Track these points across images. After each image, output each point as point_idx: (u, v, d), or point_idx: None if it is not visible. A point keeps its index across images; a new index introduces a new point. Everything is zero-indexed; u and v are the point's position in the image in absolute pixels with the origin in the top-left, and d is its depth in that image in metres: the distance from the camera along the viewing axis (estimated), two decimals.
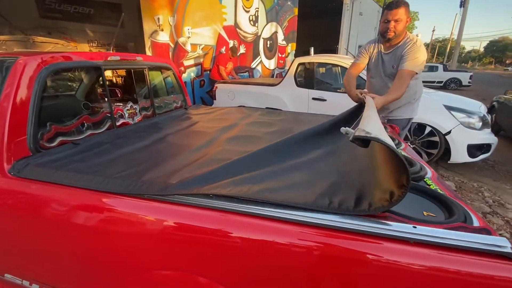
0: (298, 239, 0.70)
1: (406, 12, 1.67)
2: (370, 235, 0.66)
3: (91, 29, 9.28)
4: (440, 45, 56.11)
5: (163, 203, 0.82)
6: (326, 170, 0.96)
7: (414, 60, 1.66)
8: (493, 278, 0.58)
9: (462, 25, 16.43)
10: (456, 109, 3.09)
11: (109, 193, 0.87)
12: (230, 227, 0.75)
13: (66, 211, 0.91)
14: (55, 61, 1.21)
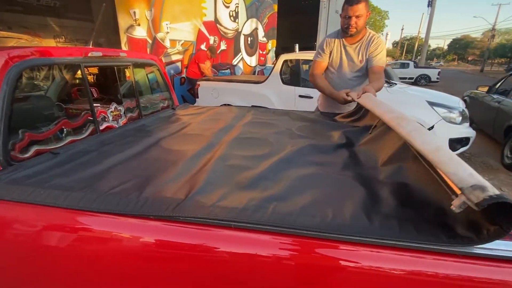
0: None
1: (366, 6, 1.66)
2: None
3: (58, 24, 8.58)
4: (408, 43, 59.09)
5: (172, 223, 0.70)
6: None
7: (383, 56, 1.77)
8: None
9: (430, 24, 17.34)
10: (438, 104, 3.20)
11: (105, 213, 0.74)
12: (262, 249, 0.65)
13: (51, 238, 0.76)
14: (27, 57, 1.04)
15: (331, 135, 1.39)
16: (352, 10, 1.64)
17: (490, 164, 3.66)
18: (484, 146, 4.37)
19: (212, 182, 0.86)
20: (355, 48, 1.81)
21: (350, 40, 1.81)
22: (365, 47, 1.77)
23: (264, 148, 1.19)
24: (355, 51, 1.81)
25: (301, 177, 0.90)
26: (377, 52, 1.74)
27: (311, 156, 1.11)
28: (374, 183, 0.86)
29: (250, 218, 0.67)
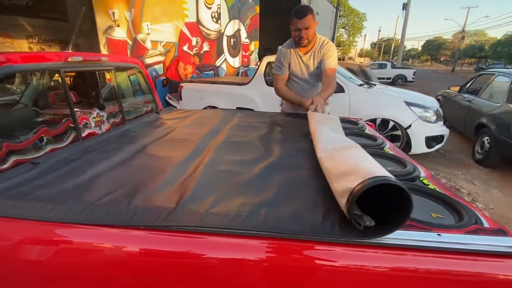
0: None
1: (313, 17, 1.76)
2: (399, 247, 0.64)
3: (30, 24, 8.14)
4: (385, 44, 61.32)
5: (164, 233, 0.70)
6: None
7: (334, 58, 1.87)
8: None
9: (405, 26, 18.12)
10: (414, 104, 3.36)
11: (93, 225, 0.72)
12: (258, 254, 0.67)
13: (36, 253, 0.73)
14: (4, 63, 0.99)
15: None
16: (301, 23, 1.73)
17: (463, 160, 3.89)
18: (457, 143, 4.63)
19: (202, 189, 0.86)
20: (309, 57, 1.92)
21: (303, 50, 1.91)
22: (318, 53, 1.88)
23: (252, 152, 1.21)
24: (309, 59, 1.92)
25: (289, 181, 0.93)
26: (328, 55, 1.85)
27: (297, 159, 1.14)
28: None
29: (243, 225, 0.68)
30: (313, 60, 1.92)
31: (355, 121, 1.93)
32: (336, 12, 17.22)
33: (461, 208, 0.81)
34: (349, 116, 3.42)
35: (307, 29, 1.74)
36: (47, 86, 1.26)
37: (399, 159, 1.21)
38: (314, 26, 1.78)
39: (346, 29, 37.25)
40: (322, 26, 16.02)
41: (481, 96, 4.19)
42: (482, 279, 0.61)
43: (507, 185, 3.16)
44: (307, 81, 2.01)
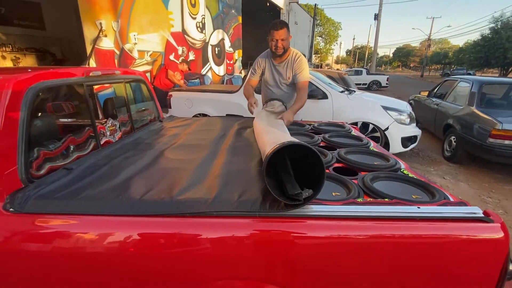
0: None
1: (288, 31, 2.00)
2: (393, 218, 0.84)
3: (3, 31, 7.84)
4: (359, 51, 64.34)
5: (206, 218, 0.86)
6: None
7: (306, 71, 2.10)
8: (475, 236, 0.82)
9: (377, 35, 19.27)
10: (390, 108, 3.71)
11: (145, 216, 0.87)
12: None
13: (102, 243, 0.85)
14: (39, 79, 1.10)
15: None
16: (277, 34, 1.95)
17: (434, 158, 4.30)
18: (428, 142, 5.09)
19: (228, 183, 1.03)
20: (283, 67, 2.15)
21: (278, 60, 2.15)
22: (291, 65, 2.11)
23: (251, 153, 1.40)
24: (283, 68, 2.16)
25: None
26: (300, 69, 2.08)
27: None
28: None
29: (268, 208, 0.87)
30: (286, 70, 2.15)
31: (342, 124, 2.17)
32: (314, 22, 18.00)
33: (434, 189, 1.04)
34: (333, 121, 3.71)
35: (282, 40, 1.96)
36: (72, 99, 1.36)
37: (383, 155, 1.44)
38: (289, 39, 2.01)
39: (322, 37, 38.79)
40: (301, 35, 16.68)
41: (447, 100, 4.66)
42: (449, 239, 0.83)
43: (472, 178, 3.56)
44: (278, 88, 2.26)
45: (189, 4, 6.50)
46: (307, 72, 2.11)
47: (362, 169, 1.27)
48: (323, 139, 1.74)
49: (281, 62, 2.15)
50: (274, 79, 2.23)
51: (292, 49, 2.13)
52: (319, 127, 2.07)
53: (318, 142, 1.67)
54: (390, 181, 1.15)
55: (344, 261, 0.84)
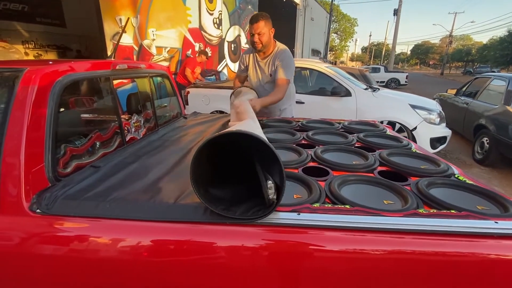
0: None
1: (267, 24, 1.83)
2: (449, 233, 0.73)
3: (26, 29, 8.05)
4: (375, 49, 62.69)
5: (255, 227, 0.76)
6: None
7: (288, 68, 1.88)
8: None
9: (396, 31, 18.62)
10: (418, 107, 3.50)
11: (183, 222, 0.78)
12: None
13: (135, 251, 0.78)
14: (66, 72, 1.04)
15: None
16: (253, 28, 1.81)
17: (463, 160, 4.05)
18: (456, 143, 4.81)
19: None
20: (265, 63, 1.99)
21: (261, 55, 1.99)
22: (273, 61, 1.94)
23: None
24: (265, 65, 1.99)
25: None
26: (280, 65, 1.88)
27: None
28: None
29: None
30: (268, 66, 1.97)
31: (374, 123, 2.03)
32: (330, 18, 17.60)
33: (503, 200, 0.90)
34: (356, 119, 3.55)
35: (260, 35, 1.81)
36: (98, 93, 1.31)
37: (430, 158, 1.30)
38: (269, 33, 1.85)
39: (338, 34, 38.00)
40: (317, 32, 16.35)
41: (479, 99, 4.38)
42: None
43: (507, 183, 3.31)
44: (261, 85, 2.09)
45: (207, 0, 6.44)
46: (289, 70, 1.90)
47: (411, 173, 1.14)
48: (358, 139, 1.61)
49: (265, 58, 1.98)
50: (256, 76, 2.08)
51: (278, 44, 1.97)
52: (350, 125, 1.93)
53: (353, 142, 1.54)
54: (448, 189, 1.02)
55: (411, 282, 0.73)
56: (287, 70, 1.87)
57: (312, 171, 1.17)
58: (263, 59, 1.99)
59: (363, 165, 1.18)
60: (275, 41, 1.96)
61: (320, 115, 3.80)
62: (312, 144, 1.52)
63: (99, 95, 1.30)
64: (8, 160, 0.86)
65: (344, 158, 1.31)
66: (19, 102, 0.89)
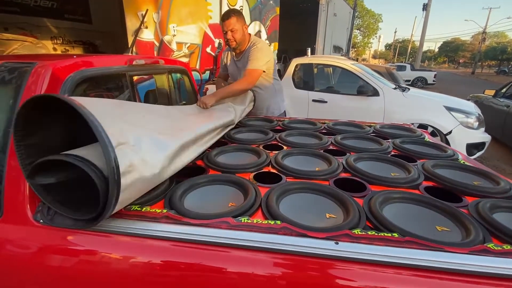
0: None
1: (239, 20, 1.75)
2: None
3: (55, 25, 8.37)
4: (400, 46, 60.05)
5: None
6: None
7: (256, 59, 1.76)
8: None
9: (425, 27, 17.63)
10: (454, 109, 3.21)
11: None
12: None
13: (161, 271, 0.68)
14: (78, 68, 0.96)
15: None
16: (225, 25, 1.74)
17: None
18: (493, 149, 4.41)
19: None
20: (241, 60, 1.91)
21: (237, 54, 1.92)
22: (246, 57, 1.84)
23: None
24: (241, 62, 1.91)
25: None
26: (251, 57, 1.77)
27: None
28: None
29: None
30: (243, 63, 1.88)
31: (410, 128, 1.82)
32: (353, 14, 16.97)
33: None
34: (383, 121, 3.31)
35: (232, 32, 1.74)
36: (113, 90, 1.23)
37: (485, 173, 1.11)
38: (242, 29, 1.77)
39: (360, 30, 36.74)
40: (339, 28, 15.83)
41: None
42: None
43: None
44: None
45: None
46: (261, 60, 1.77)
47: (465, 192, 0.96)
48: (395, 146, 1.43)
49: (240, 54, 1.90)
50: (235, 74, 2.00)
51: (252, 38, 1.88)
52: (383, 129, 1.75)
53: (388, 150, 1.37)
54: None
55: None
56: (254, 61, 1.75)
57: (345, 183, 1.02)
58: (239, 57, 1.92)
59: (405, 179, 1.02)
60: (250, 35, 1.88)
61: (344, 115, 3.60)
62: (342, 151, 1.36)
63: (114, 92, 1.22)
64: (13, 163, 0.79)
65: (380, 169, 1.15)
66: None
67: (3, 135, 0.81)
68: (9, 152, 0.79)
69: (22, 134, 0.70)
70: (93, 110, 0.64)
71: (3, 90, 0.88)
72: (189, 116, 1.19)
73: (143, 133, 0.78)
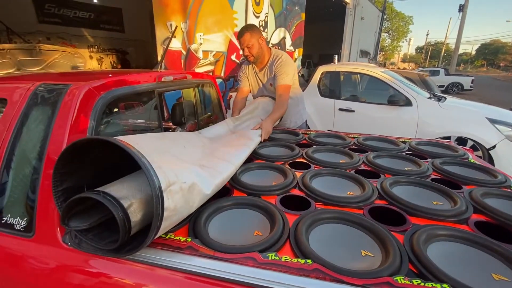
0: None
1: (253, 35, 1.76)
2: None
3: (91, 34, 8.98)
4: (433, 49, 56.98)
5: None
6: None
7: (285, 74, 1.80)
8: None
9: (461, 29, 16.57)
10: (499, 121, 2.92)
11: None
12: None
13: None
14: (109, 88, 0.97)
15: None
16: (241, 43, 1.79)
17: None
18: None
19: None
20: (263, 74, 1.93)
21: (259, 66, 1.93)
22: (270, 70, 1.87)
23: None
24: (263, 76, 1.93)
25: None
26: (279, 72, 1.79)
27: None
28: None
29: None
30: (266, 77, 1.92)
31: (451, 145, 1.67)
32: (382, 16, 16.40)
33: None
34: (416, 133, 3.10)
35: (249, 48, 1.77)
36: (142, 107, 1.25)
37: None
38: (258, 43, 1.78)
39: (389, 34, 35.43)
40: (367, 32, 15.37)
41: None
42: None
43: None
44: (263, 96, 1.98)
45: (254, 3, 6.38)
46: (290, 76, 1.82)
47: None
48: (435, 168, 1.30)
49: (262, 69, 1.92)
50: (258, 88, 2.01)
51: (274, 51, 1.90)
52: (419, 147, 1.61)
53: (428, 173, 1.25)
54: None
55: None
56: (283, 75, 1.80)
57: (380, 212, 0.94)
58: (261, 70, 1.94)
59: (452, 212, 0.90)
60: (270, 49, 1.90)
61: (373, 126, 3.43)
62: (375, 172, 1.27)
63: (143, 109, 1.23)
64: (47, 182, 0.81)
65: (420, 196, 1.04)
66: (60, 120, 0.83)
67: (37, 155, 0.83)
68: (43, 174, 0.80)
69: (62, 171, 0.72)
70: (139, 147, 0.65)
71: (41, 108, 0.90)
72: (224, 146, 1.19)
73: (189, 167, 0.79)
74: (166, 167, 0.68)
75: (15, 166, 0.85)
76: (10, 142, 0.86)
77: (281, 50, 1.94)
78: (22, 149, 0.85)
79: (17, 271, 0.80)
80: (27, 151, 0.84)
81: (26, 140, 0.86)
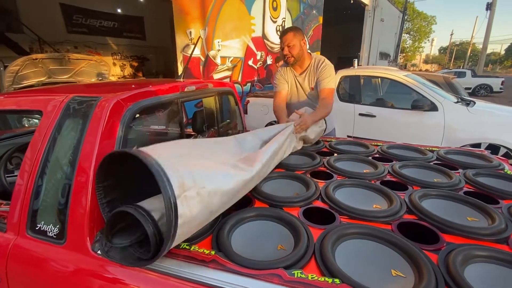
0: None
1: (296, 36, 1.75)
2: None
3: (115, 42, 9.40)
4: (457, 49, 54.49)
5: None
6: None
7: (330, 78, 1.79)
8: None
9: (489, 28, 15.75)
10: None
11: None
12: None
13: None
14: (136, 100, 1.00)
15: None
16: (282, 41, 1.77)
17: None
18: None
19: None
20: (304, 77, 1.89)
21: (298, 70, 1.89)
22: (314, 73, 1.84)
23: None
24: (304, 80, 1.89)
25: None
26: (324, 75, 1.78)
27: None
28: None
29: None
30: (308, 81, 1.88)
31: (483, 154, 1.57)
32: (403, 17, 15.92)
33: None
34: (443, 140, 2.95)
35: (289, 47, 1.76)
36: (165, 117, 1.28)
37: None
38: (300, 45, 1.77)
39: (410, 34, 34.31)
40: (387, 33, 14.98)
41: None
42: None
43: None
44: (304, 101, 1.94)
45: (271, 8, 6.41)
46: (333, 78, 1.82)
47: None
48: (467, 180, 1.23)
49: (303, 73, 1.88)
50: (297, 91, 1.96)
51: (314, 55, 1.88)
52: (448, 156, 1.53)
53: (460, 185, 1.18)
54: None
55: None
56: (329, 79, 1.80)
57: (410, 228, 0.89)
58: (301, 74, 1.90)
59: (490, 230, 0.84)
60: (310, 54, 1.89)
61: (396, 132, 3.31)
62: (402, 183, 1.21)
63: (167, 118, 1.26)
64: (77, 191, 0.84)
65: (453, 210, 0.99)
66: (91, 132, 0.86)
67: (70, 165, 0.86)
68: (74, 182, 0.84)
69: (101, 185, 0.76)
70: (158, 155, 0.66)
71: (73, 120, 0.94)
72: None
73: (216, 168, 0.80)
74: (185, 170, 0.67)
75: (49, 175, 0.89)
76: (45, 151, 0.91)
77: (320, 55, 1.93)
78: (56, 158, 0.89)
79: (48, 276, 0.84)
80: (60, 160, 0.88)
81: (60, 149, 0.90)
